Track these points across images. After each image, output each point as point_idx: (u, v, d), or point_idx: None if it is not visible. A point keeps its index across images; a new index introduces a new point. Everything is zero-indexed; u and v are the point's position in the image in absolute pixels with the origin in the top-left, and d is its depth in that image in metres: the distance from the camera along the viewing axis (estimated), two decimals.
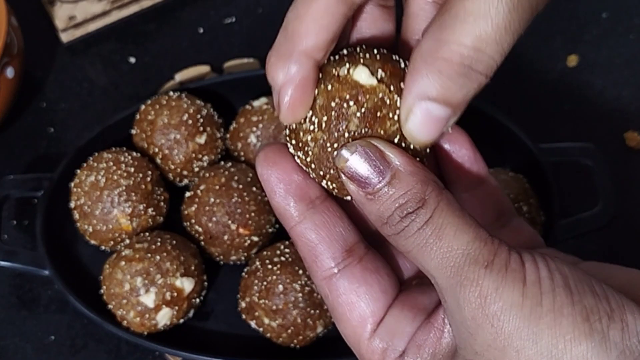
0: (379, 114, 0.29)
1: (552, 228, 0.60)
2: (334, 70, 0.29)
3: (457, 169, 0.33)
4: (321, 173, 0.30)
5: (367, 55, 0.30)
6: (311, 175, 0.31)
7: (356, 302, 0.30)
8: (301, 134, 0.30)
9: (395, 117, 0.29)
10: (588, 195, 0.61)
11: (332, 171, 0.29)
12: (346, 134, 0.29)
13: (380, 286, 0.30)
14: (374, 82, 0.29)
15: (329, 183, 0.30)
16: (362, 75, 0.29)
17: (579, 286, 0.26)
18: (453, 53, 0.26)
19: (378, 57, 0.30)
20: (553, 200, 0.61)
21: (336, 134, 0.29)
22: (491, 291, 0.25)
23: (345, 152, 0.28)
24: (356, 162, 0.28)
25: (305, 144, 0.30)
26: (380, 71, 0.29)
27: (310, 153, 0.30)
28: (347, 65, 0.29)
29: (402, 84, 0.29)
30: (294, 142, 0.30)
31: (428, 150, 0.30)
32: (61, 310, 0.63)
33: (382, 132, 0.29)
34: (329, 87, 0.29)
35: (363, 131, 0.29)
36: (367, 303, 0.30)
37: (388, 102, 0.29)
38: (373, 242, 0.32)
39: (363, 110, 0.29)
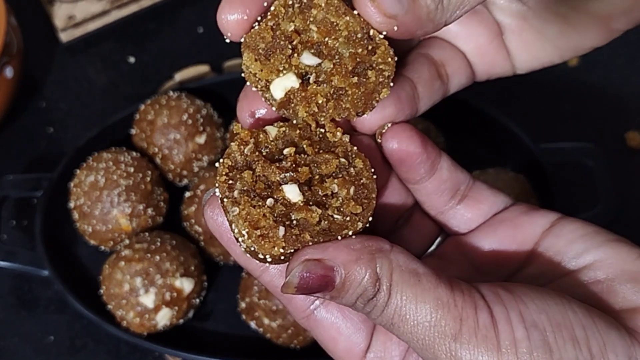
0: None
1: None
2: None
3: (409, 168, 0.32)
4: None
5: None
6: None
7: (337, 337, 0.30)
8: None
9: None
10: (588, 195, 0.61)
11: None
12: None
13: (358, 315, 0.30)
14: None
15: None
16: None
17: (558, 337, 0.26)
18: None
19: None
20: (553, 200, 0.61)
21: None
22: None
23: (290, 281, 0.27)
24: (303, 284, 0.27)
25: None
26: None
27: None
28: None
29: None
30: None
31: (374, 194, 0.29)
32: (61, 311, 0.63)
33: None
34: None
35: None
36: (347, 336, 0.30)
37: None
38: None
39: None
